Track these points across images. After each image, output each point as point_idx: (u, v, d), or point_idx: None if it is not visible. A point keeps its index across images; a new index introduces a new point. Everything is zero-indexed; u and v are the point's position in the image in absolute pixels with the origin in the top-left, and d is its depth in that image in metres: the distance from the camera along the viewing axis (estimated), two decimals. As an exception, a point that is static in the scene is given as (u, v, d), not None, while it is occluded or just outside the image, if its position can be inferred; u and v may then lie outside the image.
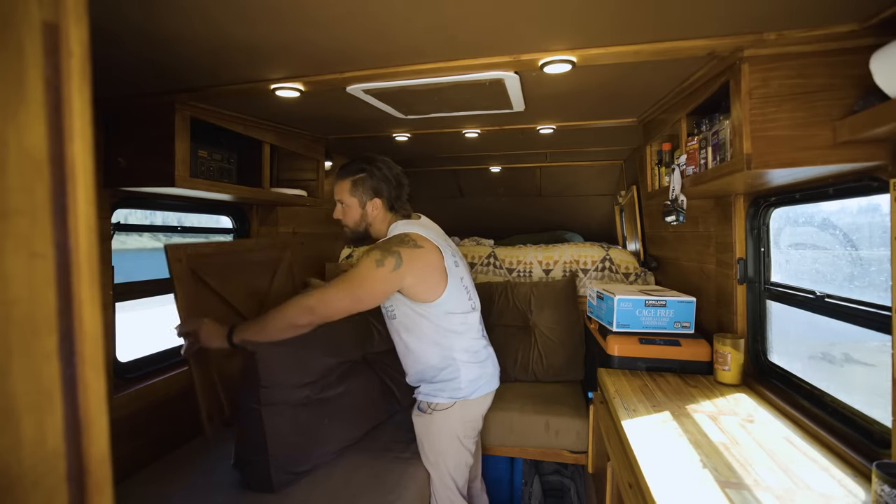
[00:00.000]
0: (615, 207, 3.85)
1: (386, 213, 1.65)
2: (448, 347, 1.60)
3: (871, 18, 1.03)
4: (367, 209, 1.62)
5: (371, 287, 1.48)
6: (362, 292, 1.48)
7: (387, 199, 1.63)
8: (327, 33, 1.14)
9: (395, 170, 1.65)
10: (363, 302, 1.50)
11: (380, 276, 1.46)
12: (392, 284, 1.49)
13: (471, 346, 1.64)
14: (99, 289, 0.31)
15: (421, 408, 1.67)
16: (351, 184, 1.61)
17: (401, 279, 1.48)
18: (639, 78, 1.50)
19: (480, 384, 1.66)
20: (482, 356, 1.68)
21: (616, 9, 1.02)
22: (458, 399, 1.62)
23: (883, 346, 1.06)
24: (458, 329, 1.61)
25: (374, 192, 1.61)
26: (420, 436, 1.70)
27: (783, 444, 1.19)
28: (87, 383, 0.30)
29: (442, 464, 1.66)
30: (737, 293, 1.68)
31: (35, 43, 0.28)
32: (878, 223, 1.23)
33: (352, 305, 1.49)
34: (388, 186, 1.62)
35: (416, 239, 1.54)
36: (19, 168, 0.27)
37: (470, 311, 1.65)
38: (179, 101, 1.61)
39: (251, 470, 1.55)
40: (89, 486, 0.30)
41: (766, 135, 1.16)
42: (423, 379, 1.66)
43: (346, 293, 1.47)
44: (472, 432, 1.69)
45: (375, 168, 1.61)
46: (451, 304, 1.58)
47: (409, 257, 1.49)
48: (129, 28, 1.08)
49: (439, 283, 1.55)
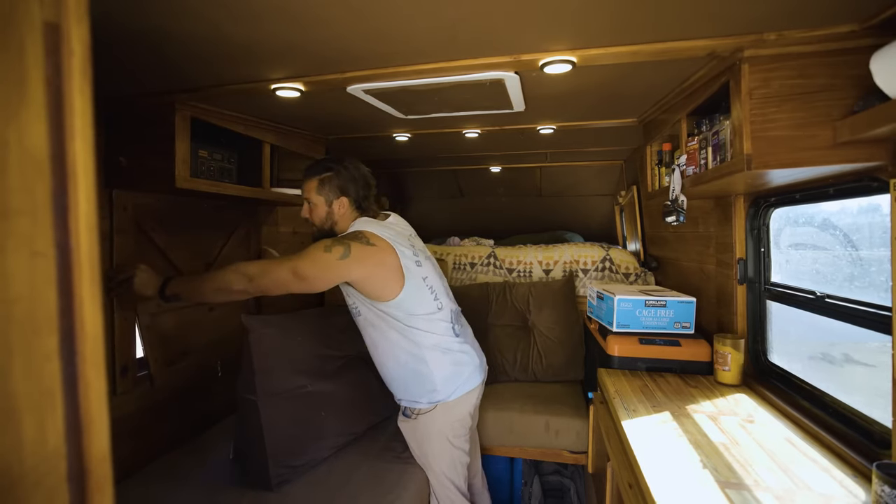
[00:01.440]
0: (615, 207, 3.85)
1: (352, 212, 1.67)
2: (414, 344, 1.59)
3: (871, 19, 1.03)
4: (334, 208, 1.64)
5: (314, 267, 1.47)
6: (305, 270, 1.46)
7: (353, 199, 1.66)
8: (328, 33, 1.14)
9: (362, 170, 1.69)
10: (305, 281, 1.47)
11: (323, 260, 1.47)
12: (336, 273, 1.49)
13: (439, 343, 1.62)
14: (100, 288, 0.31)
15: (406, 413, 1.68)
16: (318, 182, 1.64)
17: (347, 270, 1.48)
18: (639, 78, 1.50)
19: (458, 384, 1.64)
20: (455, 353, 1.65)
21: (616, 9, 1.02)
22: (438, 402, 1.62)
23: (883, 347, 1.06)
24: (423, 327, 1.59)
25: (340, 192, 1.64)
26: (409, 440, 1.71)
27: (783, 445, 1.19)
28: (88, 383, 0.30)
29: (436, 466, 1.66)
30: (737, 293, 1.68)
31: (36, 43, 0.28)
32: (878, 223, 1.23)
33: (291, 280, 1.46)
34: (354, 186, 1.65)
35: (369, 237, 1.54)
36: (20, 168, 0.27)
37: (435, 311, 1.63)
38: (180, 100, 1.61)
39: (249, 463, 1.56)
40: (90, 485, 0.30)
41: (767, 135, 1.16)
42: (397, 380, 1.66)
43: (288, 267, 1.46)
44: (461, 430, 1.68)
45: (343, 168, 1.64)
46: (410, 303, 1.57)
47: (357, 252, 1.49)
48: (130, 28, 1.08)
49: (394, 283, 1.54)
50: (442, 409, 1.62)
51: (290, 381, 1.63)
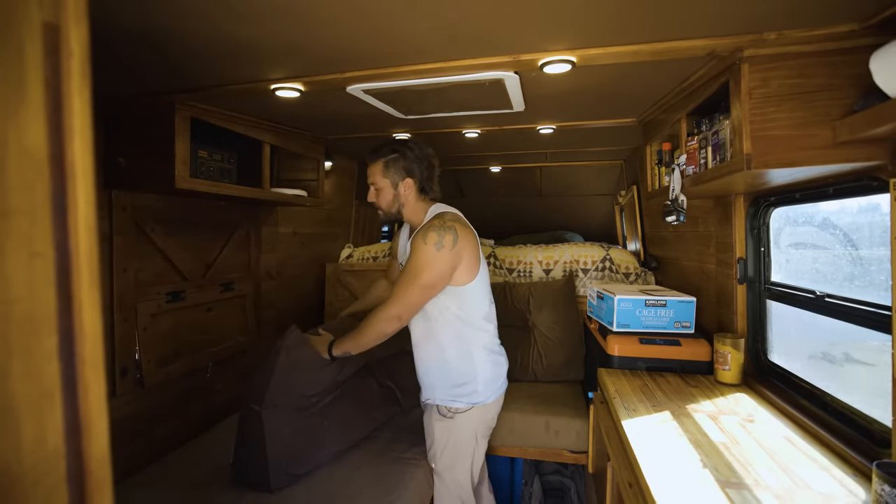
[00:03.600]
0: (615, 207, 3.85)
1: (417, 195, 1.66)
2: (467, 341, 1.60)
3: (870, 18, 1.03)
4: (400, 189, 1.63)
5: (436, 270, 1.50)
6: (430, 279, 1.51)
7: (418, 180, 1.63)
8: (328, 33, 1.14)
9: (426, 151, 1.66)
10: (435, 288, 1.53)
11: (441, 259, 1.49)
12: (455, 261, 1.52)
13: (487, 344, 1.64)
14: (99, 289, 0.31)
15: (441, 412, 1.64)
16: (383, 165, 1.61)
17: (459, 255, 1.52)
18: (638, 78, 1.50)
19: (497, 386, 1.66)
20: (497, 356, 1.69)
21: (616, 9, 1.02)
22: (477, 404, 1.62)
23: (883, 346, 1.06)
24: (478, 325, 1.62)
25: (406, 173, 1.62)
26: (441, 440, 1.66)
27: (783, 444, 1.19)
28: (87, 383, 0.30)
29: (459, 465, 1.65)
30: (737, 293, 1.68)
31: (35, 43, 0.28)
32: (878, 223, 1.23)
33: (425, 295, 1.53)
34: (419, 167, 1.63)
35: (461, 218, 1.61)
36: (19, 168, 0.27)
37: (489, 310, 1.67)
38: (179, 101, 1.61)
39: (250, 470, 1.55)
40: (89, 486, 0.30)
41: (766, 135, 1.16)
42: (439, 378, 1.63)
43: (416, 287, 1.50)
44: (488, 431, 1.71)
45: (408, 149, 1.62)
46: (480, 290, 1.61)
47: (462, 233, 1.54)
48: (130, 27, 1.08)
49: (473, 268, 1.58)
50: (478, 410, 1.63)
51: (302, 397, 1.63)
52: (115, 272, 1.70)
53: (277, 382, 1.55)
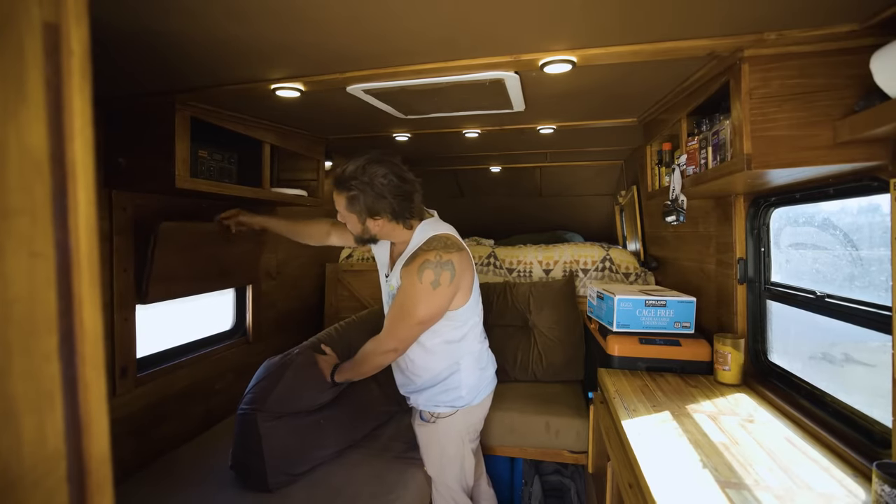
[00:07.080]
0: (615, 207, 3.85)
1: (395, 225, 1.50)
2: (454, 354, 1.58)
3: (871, 18, 1.03)
4: (369, 225, 1.48)
5: (435, 306, 1.45)
6: (428, 315, 1.46)
7: (389, 213, 1.45)
8: (327, 33, 1.14)
9: (392, 178, 1.42)
10: (433, 321, 1.48)
11: (439, 294, 1.43)
12: (453, 293, 1.47)
13: (474, 349, 1.62)
14: (99, 289, 0.31)
15: (423, 417, 1.64)
16: (346, 200, 1.44)
17: (457, 286, 1.47)
18: (639, 78, 1.50)
19: (481, 388, 1.64)
20: (484, 360, 1.67)
21: (616, 9, 1.02)
22: (461, 407, 1.60)
23: (883, 346, 1.06)
24: (468, 335, 1.59)
25: (369, 213, 1.44)
26: (425, 444, 1.67)
27: (783, 444, 1.19)
28: (87, 383, 0.30)
29: (448, 470, 1.65)
30: (737, 293, 1.68)
31: (35, 43, 0.28)
32: (878, 223, 1.23)
33: (419, 330, 1.49)
34: (388, 199, 1.42)
35: (454, 241, 1.51)
36: (19, 168, 0.27)
37: (478, 315, 1.64)
38: (180, 101, 1.61)
39: (248, 472, 1.55)
40: (90, 486, 0.30)
41: (767, 135, 1.16)
42: (421, 387, 1.63)
43: (413, 324, 1.46)
44: (475, 434, 1.69)
45: (367, 186, 1.40)
46: (473, 308, 1.58)
47: (459, 264, 1.46)
48: (130, 28, 1.08)
49: (469, 289, 1.53)
50: (462, 413, 1.61)
51: (303, 407, 1.63)
52: (115, 272, 1.70)
53: (279, 396, 1.56)
